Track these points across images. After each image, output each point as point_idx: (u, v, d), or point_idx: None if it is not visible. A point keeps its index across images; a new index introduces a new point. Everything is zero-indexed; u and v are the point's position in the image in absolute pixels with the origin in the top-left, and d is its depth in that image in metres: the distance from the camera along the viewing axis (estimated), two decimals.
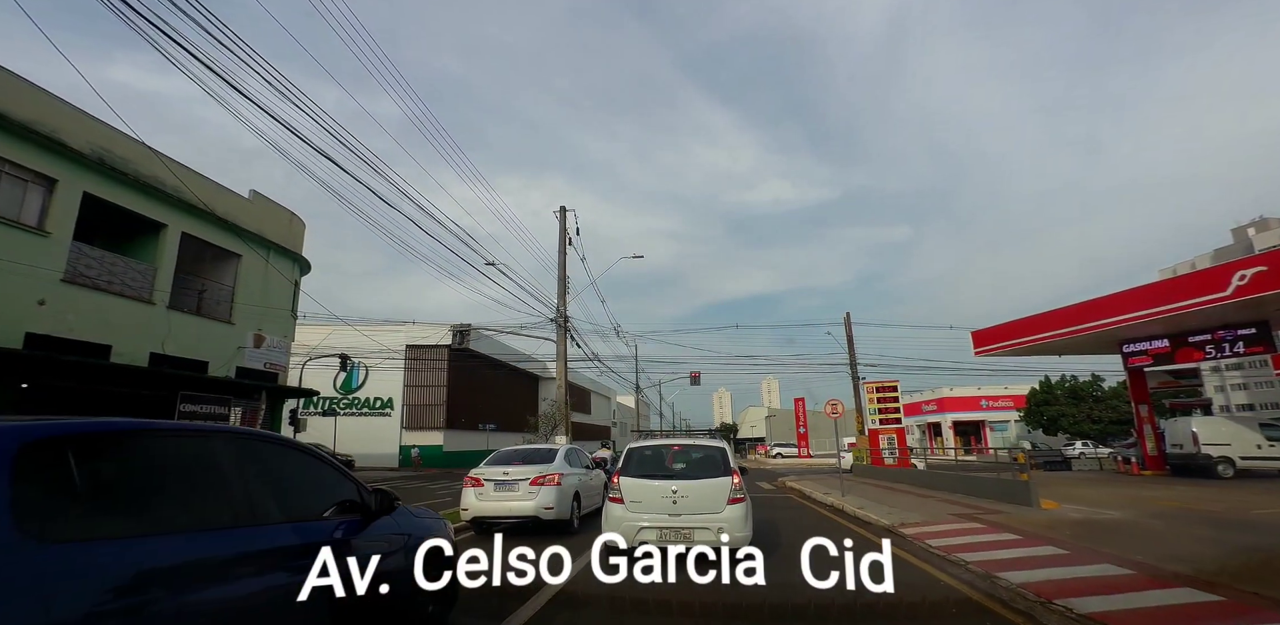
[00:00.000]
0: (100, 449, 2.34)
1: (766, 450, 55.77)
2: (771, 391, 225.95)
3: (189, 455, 2.69)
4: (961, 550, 6.85)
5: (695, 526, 6.24)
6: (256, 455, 3.01)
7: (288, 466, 3.21)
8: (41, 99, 12.59)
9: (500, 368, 42.14)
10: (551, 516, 8.66)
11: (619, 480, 6.66)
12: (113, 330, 13.81)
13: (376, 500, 3.48)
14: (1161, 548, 6.77)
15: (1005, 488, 12.00)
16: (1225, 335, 17.01)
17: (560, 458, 9.61)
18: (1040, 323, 20.66)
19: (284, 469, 3.16)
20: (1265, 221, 67.43)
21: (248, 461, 2.88)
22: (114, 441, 2.44)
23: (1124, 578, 5.37)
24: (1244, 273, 14.26)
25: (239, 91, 8.28)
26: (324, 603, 2.64)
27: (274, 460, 3.12)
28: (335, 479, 3.42)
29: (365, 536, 3.26)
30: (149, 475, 2.50)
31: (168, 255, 15.43)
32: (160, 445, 2.63)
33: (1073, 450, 34.49)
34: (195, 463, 2.68)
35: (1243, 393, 67.31)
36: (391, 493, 3.68)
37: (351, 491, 3.41)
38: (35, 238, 12.34)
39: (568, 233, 19.37)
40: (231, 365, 17.18)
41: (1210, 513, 9.88)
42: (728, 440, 8.17)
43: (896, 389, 25.19)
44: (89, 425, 2.33)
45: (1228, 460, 17.36)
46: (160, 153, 14.44)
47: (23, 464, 1.97)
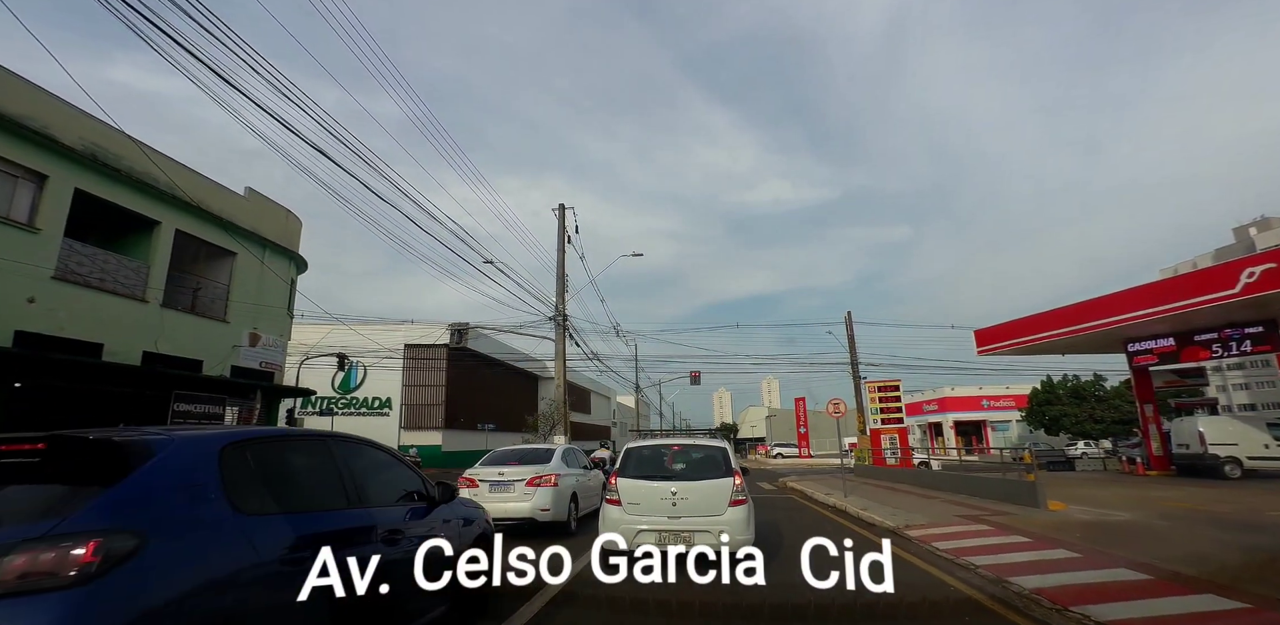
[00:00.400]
0: (263, 449, 3.09)
1: (767, 450, 55.61)
2: (772, 391, 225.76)
3: (316, 454, 3.50)
4: (970, 553, 6.65)
5: (695, 529, 6.03)
6: (356, 455, 3.78)
7: (376, 464, 3.98)
8: (32, 94, 12.39)
9: (499, 367, 41.94)
10: (548, 518, 8.46)
11: (616, 481, 6.45)
12: (104, 328, 13.61)
13: (439, 492, 4.31)
14: (1176, 551, 6.57)
15: (1011, 488, 11.80)
16: (1232, 334, 16.80)
17: (557, 458, 9.42)
18: (1043, 321, 20.45)
19: (373, 466, 3.93)
20: (1267, 221, 67.14)
21: (352, 459, 3.67)
22: (270, 444, 3.23)
23: (1142, 582, 5.17)
24: (1252, 270, 14.06)
25: (238, 91, 8.14)
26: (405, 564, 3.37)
27: (367, 459, 3.90)
28: (408, 474, 4.24)
29: (430, 519, 4.06)
30: (293, 468, 3.29)
31: (161, 253, 15.22)
32: (298, 447, 3.50)
33: (1075, 450, 34.28)
34: (320, 460, 3.46)
35: (1244, 393, 67.04)
36: (453, 486, 4.52)
37: (419, 484, 4.23)
38: (25, 234, 12.14)
39: (567, 230, 19.19)
40: (226, 364, 16.98)
41: (1221, 514, 9.68)
42: (728, 440, 7.95)
43: (898, 388, 25.00)
44: (256, 432, 3.24)
45: (1235, 460, 17.14)
46: (153, 149, 14.25)
47: (224, 460, 2.74)
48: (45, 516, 2.12)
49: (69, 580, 1.95)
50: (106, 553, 2.03)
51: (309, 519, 2.99)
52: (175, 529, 2.34)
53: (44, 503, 2.24)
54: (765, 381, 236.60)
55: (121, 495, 2.27)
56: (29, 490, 2.35)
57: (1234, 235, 69.68)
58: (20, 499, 2.31)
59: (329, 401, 33.60)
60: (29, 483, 2.38)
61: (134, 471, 2.39)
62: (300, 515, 2.96)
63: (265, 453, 3.06)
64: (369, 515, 3.43)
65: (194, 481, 2.55)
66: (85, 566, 1.98)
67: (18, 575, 1.91)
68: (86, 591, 1.94)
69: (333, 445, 3.61)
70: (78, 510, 2.14)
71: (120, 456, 2.46)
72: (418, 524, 3.84)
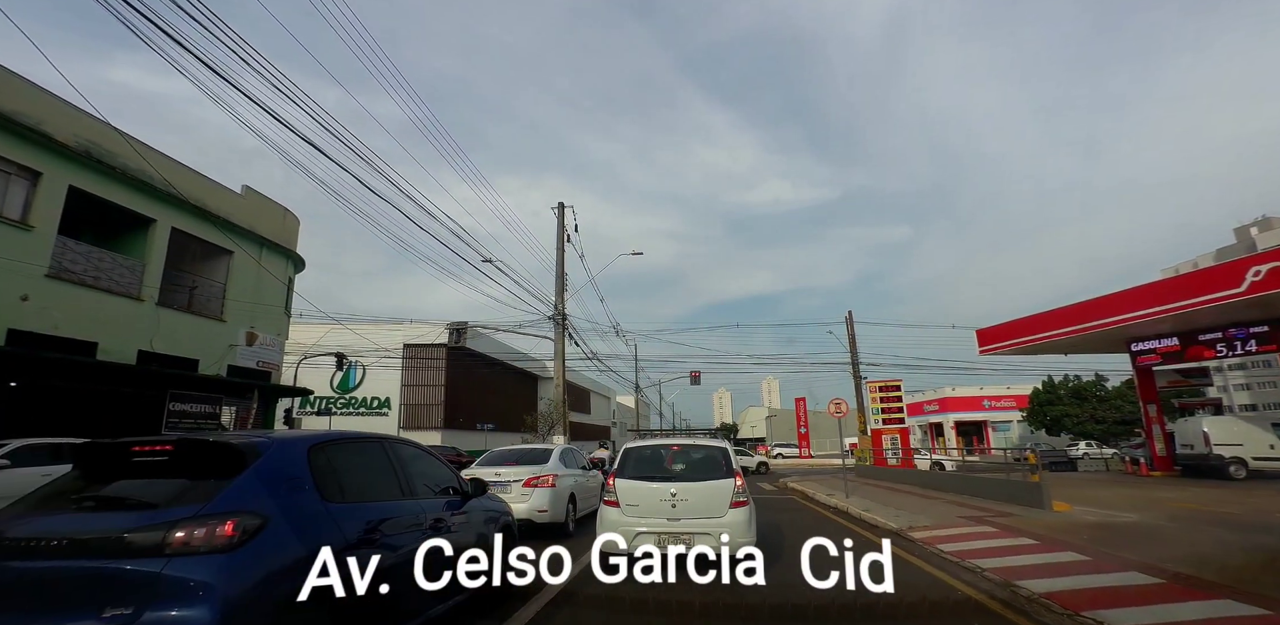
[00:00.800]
0: (337, 449, 3.64)
1: (767, 450, 55.45)
2: (772, 391, 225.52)
3: (375, 453, 4.03)
4: (976, 555, 6.51)
5: (695, 532, 5.88)
6: (406, 454, 4.36)
7: (420, 462, 4.47)
8: (25, 90, 12.26)
9: (499, 367, 41.79)
10: (545, 519, 8.32)
11: (614, 482, 6.29)
12: (99, 327, 13.48)
13: (472, 487, 4.89)
14: (1188, 553, 6.42)
15: (1014, 489, 11.66)
16: (1237, 333, 16.66)
17: (555, 458, 9.28)
18: (1046, 321, 20.29)
19: (419, 463, 4.44)
20: (1268, 221, 66.91)
21: (403, 458, 4.23)
22: (342, 445, 3.78)
23: (1155, 587, 5.02)
24: (1258, 268, 13.91)
25: (238, 90, 8.05)
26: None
27: (414, 457, 4.43)
28: (446, 472, 4.81)
29: (464, 509, 4.60)
30: (359, 465, 3.78)
31: (157, 251, 15.09)
32: (362, 447, 4.00)
33: (1077, 450, 34.09)
34: (378, 458, 4.01)
35: (1245, 393, 66.83)
36: (483, 482, 5.12)
37: (454, 480, 4.80)
38: (18, 231, 12.01)
39: (566, 229, 19.05)
40: (223, 363, 16.85)
41: (1230, 516, 9.54)
42: (728, 440, 7.80)
43: (900, 388, 24.86)
44: (331, 435, 3.79)
45: (1240, 461, 16.99)
46: (147, 146, 14.11)
47: (311, 458, 3.30)
48: (190, 501, 2.74)
49: (219, 547, 2.55)
50: (243, 529, 2.64)
51: (375, 508, 3.55)
52: (286, 512, 2.90)
53: (181, 490, 2.86)
54: (765, 382, 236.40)
55: (245, 485, 2.87)
56: (166, 481, 2.97)
57: (1235, 235, 69.47)
58: (162, 487, 2.93)
59: (328, 401, 33.47)
60: (163, 476, 3.00)
61: (249, 467, 2.96)
62: (368, 504, 3.53)
63: (339, 452, 3.64)
64: (419, 506, 3.99)
65: (293, 475, 3.13)
66: (230, 538, 2.59)
67: (182, 543, 2.52)
68: (230, 556, 2.55)
69: (387, 446, 4.21)
70: (214, 497, 2.74)
71: (236, 455, 3.01)
72: (456, 513, 4.42)
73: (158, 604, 2.37)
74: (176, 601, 2.38)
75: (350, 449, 3.83)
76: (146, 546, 2.49)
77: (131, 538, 2.52)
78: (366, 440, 4.17)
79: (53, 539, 2.55)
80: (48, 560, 2.49)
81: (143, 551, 2.49)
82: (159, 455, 3.00)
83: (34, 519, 2.75)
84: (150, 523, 2.59)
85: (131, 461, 3.03)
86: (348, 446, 3.82)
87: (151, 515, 2.66)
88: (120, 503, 2.86)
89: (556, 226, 18.93)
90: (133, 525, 2.58)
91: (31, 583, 2.47)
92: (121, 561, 2.46)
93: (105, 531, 2.56)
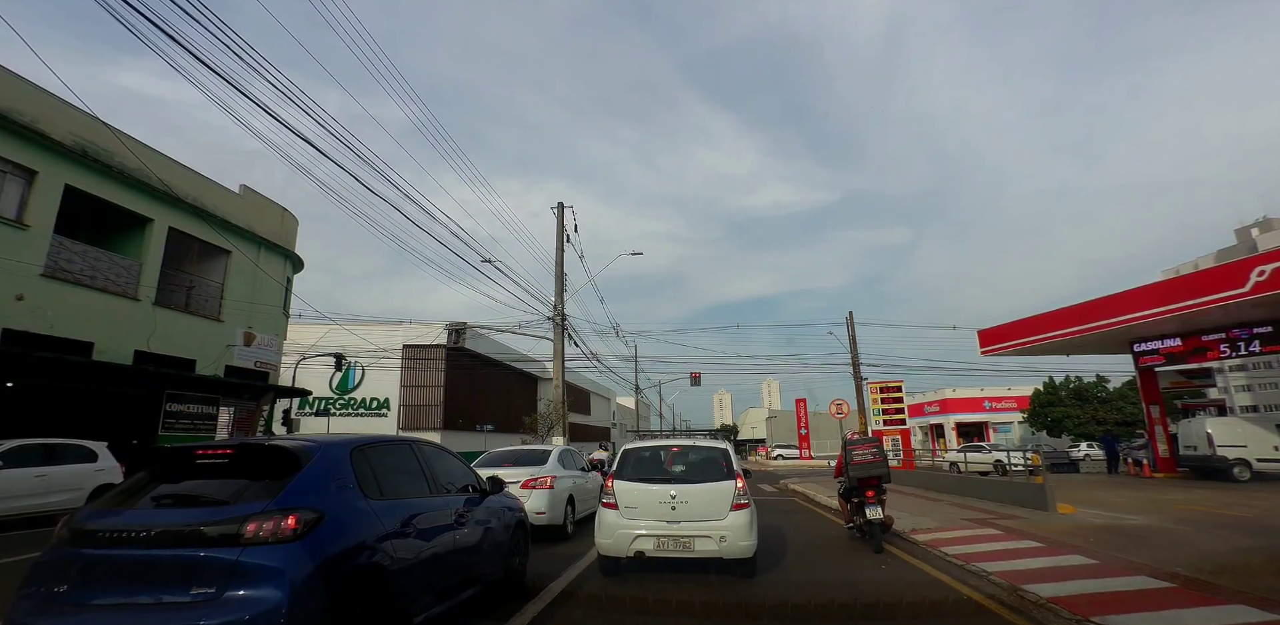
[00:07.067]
0: (374, 451, 3.99)
1: (767, 452, 55.29)
2: (772, 393, 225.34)
3: (406, 455, 4.41)
4: (980, 559, 6.40)
5: (695, 534, 5.77)
6: (432, 455, 4.75)
7: (443, 462, 4.87)
8: (21, 87, 12.17)
9: (498, 368, 41.64)
10: (544, 521, 8.19)
11: (613, 484, 6.18)
12: (95, 327, 13.38)
13: (490, 485, 5.31)
14: (1197, 557, 6.31)
15: (1018, 491, 11.55)
16: (1241, 334, 16.53)
17: (553, 459, 9.17)
18: (1048, 321, 20.16)
19: (443, 463, 4.85)
20: (1269, 222, 66.81)
21: (429, 458, 4.64)
22: (379, 447, 4.11)
23: (1166, 591, 4.91)
24: (1263, 268, 13.78)
25: (242, 93, 7.97)
26: (464, 538, 4.45)
27: (439, 458, 4.84)
28: (465, 471, 5.22)
29: (483, 506, 4.96)
30: (394, 466, 4.14)
31: (154, 250, 15.00)
32: (395, 450, 4.34)
33: (1078, 452, 33.92)
34: (408, 460, 4.39)
35: (1247, 394, 66.59)
36: (501, 481, 5.50)
37: (474, 479, 5.21)
38: (13, 231, 11.92)
39: (566, 229, 18.94)
40: (220, 364, 16.75)
41: (1239, 518, 9.42)
42: (729, 441, 7.68)
43: (901, 389, 24.72)
44: (369, 438, 4.11)
45: (1244, 462, 16.85)
46: (144, 145, 14.02)
47: (354, 460, 3.69)
48: (254, 499, 3.10)
49: (285, 538, 2.93)
50: (304, 523, 3.01)
51: (407, 504, 3.92)
52: (338, 509, 3.29)
53: (244, 489, 3.22)
54: (765, 383, 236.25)
55: (302, 485, 3.24)
56: (230, 481, 3.32)
57: (1236, 236, 69.36)
58: (228, 486, 3.28)
59: (326, 402, 33.35)
60: (226, 477, 3.36)
61: (303, 469, 3.33)
62: (403, 501, 3.90)
63: (375, 454, 3.98)
64: (445, 502, 4.40)
65: (340, 475, 3.50)
66: (294, 530, 2.96)
67: (254, 534, 2.89)
68: (295, 545, 2.93)
69: (416, 448, 4.60)
70: (277, 495, 3.11)
71: (291, 457, 3.39)
72: (476, 509, 4.80)
73: (235, 585, 2.76)
74: (252, 583, 2.76)
75: (385, 451, 4.16)
76: (224, 537, 2.88)
77: (208, 530, 2.90)
78: (398, 443, 4.54)
79: (141, 530, 2.93)
80: (140, 548, 2.89)
81: (221, 541, 2.87)
82: (221, 458, 3.41)
83: (122, 513, 3.11)
84: (224, 517, 2.97)
85: (196, 464, 3.45)
86: (382, 448, 4.16)
87: (223, 510, 3.04)
88: (193, 500, 3.23)
89: (556, 226, 18.83)
90: (209, 519, 2.96)
91: (130, 566, 2.88)
92: (203, 549, 2.85)
93: (185, 524, 2.96)
